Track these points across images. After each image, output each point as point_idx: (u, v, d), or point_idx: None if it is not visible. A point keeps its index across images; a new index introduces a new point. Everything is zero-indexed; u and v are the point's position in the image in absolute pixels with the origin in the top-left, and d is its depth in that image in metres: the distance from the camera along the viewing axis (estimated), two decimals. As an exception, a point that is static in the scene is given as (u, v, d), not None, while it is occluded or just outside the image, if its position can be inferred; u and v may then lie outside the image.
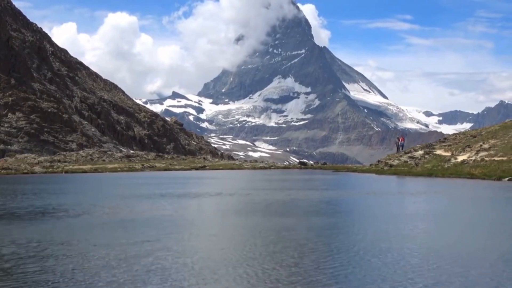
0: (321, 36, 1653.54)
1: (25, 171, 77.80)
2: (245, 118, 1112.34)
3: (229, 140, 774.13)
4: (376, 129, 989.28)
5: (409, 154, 70.18)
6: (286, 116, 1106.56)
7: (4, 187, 41.60)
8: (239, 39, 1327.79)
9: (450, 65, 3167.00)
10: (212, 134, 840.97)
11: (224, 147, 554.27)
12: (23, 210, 23.09)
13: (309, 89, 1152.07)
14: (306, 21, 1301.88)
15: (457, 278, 11.03)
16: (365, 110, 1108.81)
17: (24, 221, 19.35)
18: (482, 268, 11.96)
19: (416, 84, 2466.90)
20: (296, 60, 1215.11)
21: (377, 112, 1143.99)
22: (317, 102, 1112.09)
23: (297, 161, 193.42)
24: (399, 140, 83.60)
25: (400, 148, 79.89)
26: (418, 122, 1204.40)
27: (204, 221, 20.43)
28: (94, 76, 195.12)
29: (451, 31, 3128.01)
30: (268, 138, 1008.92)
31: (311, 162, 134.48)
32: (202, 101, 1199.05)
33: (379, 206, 26.26)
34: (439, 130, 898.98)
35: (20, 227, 17.72)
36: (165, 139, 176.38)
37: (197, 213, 23.74)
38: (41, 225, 18.46)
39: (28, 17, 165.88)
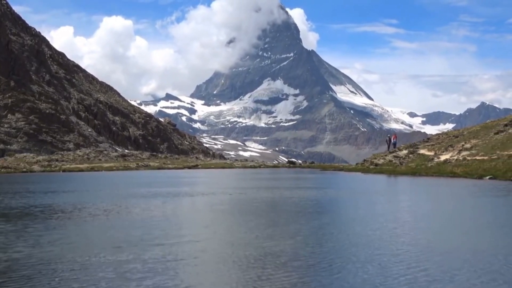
0: (310, 39, 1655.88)
1: (24, 170, 77.78)
2: (236, 119, 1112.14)
3: (220, 140, 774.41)
4: (362, 129, 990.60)
5: (393, 154, 70.46)
6: (276, 117, 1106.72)
7: (18, 186, 41.59)
8: (230, 41, 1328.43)
9: (434, 68, 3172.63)
10: (204, 134, 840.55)
11: (215, 146, 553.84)
12: (41, 208, 23.11)
13: (297, 91, 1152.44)
14: (295, 25, 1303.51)
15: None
16: (352, 111, 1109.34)
17: (48, 220, 19.07)
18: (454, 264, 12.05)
19: (401, 86, 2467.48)
20: (285, 63, 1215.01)
21: (363, 113, 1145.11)
22: (305, 103, 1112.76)
23: (286, 160, 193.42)
24: (389, 139, 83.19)
25: (393, 146, 79.48)
26: (402, 122, 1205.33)
27: (225, 221, 20.38)
28: (91, 79, 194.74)
29: (435, 35, 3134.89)
30: (258, 138, 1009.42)
31: (300, 162, 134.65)
32: (194, 103, 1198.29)
33: (371, 205, 26.39)
34: (422, 131, 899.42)
35: (55, 226, 17.46)
36: (159, 139, 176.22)
37: (218, 212, 23.65)
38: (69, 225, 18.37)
39: (27, 21, 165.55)
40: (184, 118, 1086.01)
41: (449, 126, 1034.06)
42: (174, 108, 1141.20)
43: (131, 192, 33.21)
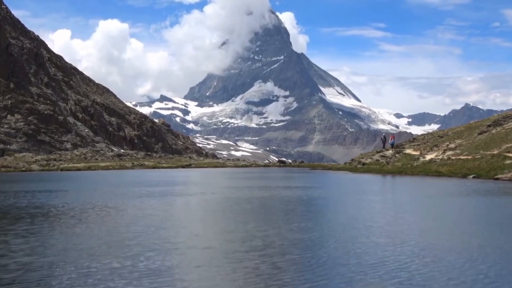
0: (300, 42, 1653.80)
1: (23, 169, 77.77)
2: (228, 119, 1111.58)
3: (213, 140, 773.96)
4: (350, 130, 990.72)
5: (380, 153, 70.59)
6: (266, 117, 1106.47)
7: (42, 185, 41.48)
8: (224, 43, 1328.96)
9: (421, 70, 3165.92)
10: (197, 135, 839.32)
11: (208, 146, 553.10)
12: (70, 208, 23.08)
13: (287, 93, 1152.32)
14: (285, 29, 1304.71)
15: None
16: (340, 112, 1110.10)
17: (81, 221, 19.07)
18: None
19: (388, 87, 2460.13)
20: (275, 65, 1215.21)
21: (351, 114, 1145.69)
22: (295, 104, 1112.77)
23: (277, 159, 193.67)
24: (385, 138, 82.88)
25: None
26: (389, 123, 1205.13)
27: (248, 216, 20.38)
28: (88, 81, 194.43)
29: (422, 38, 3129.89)
30: (249, 138, 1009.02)
31: (290, 161, 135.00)
32: (188, 104, 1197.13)
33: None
34: (408, 131, 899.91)
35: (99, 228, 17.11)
36: (154, 139, 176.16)
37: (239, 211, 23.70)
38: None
39: (26, 25, 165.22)
40: (178, 119, 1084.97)
41: (434, 127, 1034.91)
42: (168, 109, 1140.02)
43: (138, 192, 32.99)
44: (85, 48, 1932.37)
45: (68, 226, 17.18)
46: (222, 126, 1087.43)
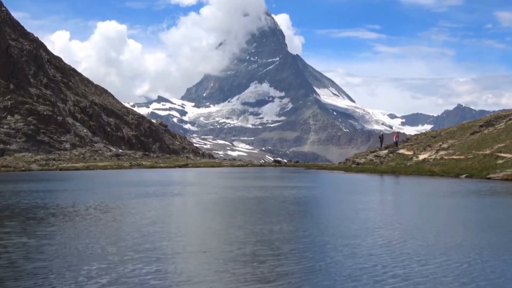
0: (295, 44, 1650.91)
1: (23, 168, 77.77)
2: (224, 120, 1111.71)
3: (209, 140, 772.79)
4: (344, 130, 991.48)
5: (374, 153, 70.72)
6: (262, 118, 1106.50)
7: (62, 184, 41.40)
8: (220, 44, 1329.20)
9: (415, 71, 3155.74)
10: (194, 135, 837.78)
11: (205, 146, 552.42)
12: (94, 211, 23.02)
13: (283, 94, 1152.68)
14: (280, 31, 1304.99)
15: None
16: (334, 113, 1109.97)
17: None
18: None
19: (382, 88, 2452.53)
20: (271, 67, 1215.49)
21: (345, 115, 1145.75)
22: (290, 105, 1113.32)
23: (272, 159, 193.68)
24: (382, 137, 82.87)
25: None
26: (383, 123, 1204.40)
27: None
28: (86, 82, 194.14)
29: (416, 40, 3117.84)
30: (245, 138, 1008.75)
31: (285, 161, 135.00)
32: (185, 105, 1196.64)
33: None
34: (402, 131, 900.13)
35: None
36: (151, 139, 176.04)
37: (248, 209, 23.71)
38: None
39: (25, 27, 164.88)
40: (175, 119, 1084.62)
41: (427, 127, 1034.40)
42: (165, 110, 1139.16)
43: (140, 192, 32.96)
44: (83, 49, 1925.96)
45: (79, 227, 17.03)
46: (218, 126, 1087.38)
